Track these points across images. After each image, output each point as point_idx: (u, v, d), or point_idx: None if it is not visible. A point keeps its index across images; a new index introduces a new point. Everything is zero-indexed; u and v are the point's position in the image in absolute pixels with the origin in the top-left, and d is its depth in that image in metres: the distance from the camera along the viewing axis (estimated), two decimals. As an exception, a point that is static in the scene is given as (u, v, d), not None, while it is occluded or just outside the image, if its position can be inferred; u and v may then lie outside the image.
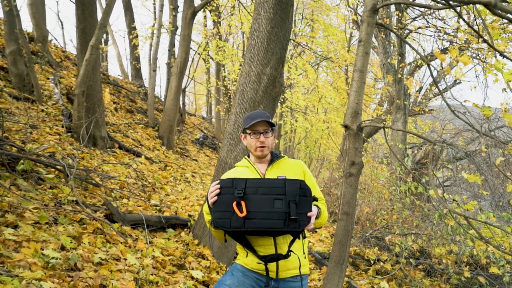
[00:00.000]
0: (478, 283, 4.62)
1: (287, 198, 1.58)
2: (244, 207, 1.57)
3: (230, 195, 1.60)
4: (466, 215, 3.05)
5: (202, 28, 14.75)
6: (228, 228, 1.58)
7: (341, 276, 2.93)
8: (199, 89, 26.73)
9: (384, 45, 9.64)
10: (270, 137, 1.85)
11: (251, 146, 1.85)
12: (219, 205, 1.61)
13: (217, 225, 1.60)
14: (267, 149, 1.84)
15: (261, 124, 1.82)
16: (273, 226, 1.56)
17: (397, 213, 5.83)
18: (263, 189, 1.60)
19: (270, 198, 1.59)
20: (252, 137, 1.83)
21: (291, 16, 3.94)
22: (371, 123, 8.19)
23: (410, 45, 3.26)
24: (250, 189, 1.60)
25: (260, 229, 1.57)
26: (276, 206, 1.57)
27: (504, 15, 2.29)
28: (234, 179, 1.63)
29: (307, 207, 1.60)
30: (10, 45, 6.40)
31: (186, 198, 5.89)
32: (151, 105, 10.31)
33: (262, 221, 1.56)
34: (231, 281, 1.73)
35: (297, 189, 1.60)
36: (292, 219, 1.55)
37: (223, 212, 1.60)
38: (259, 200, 1.59)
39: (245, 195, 1.59)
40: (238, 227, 1.57)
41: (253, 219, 1.57)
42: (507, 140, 8.54)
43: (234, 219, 1.57)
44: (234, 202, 1.58)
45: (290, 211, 1.56)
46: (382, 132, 8.45)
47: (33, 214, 3.01)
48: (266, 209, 1.57)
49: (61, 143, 5.28)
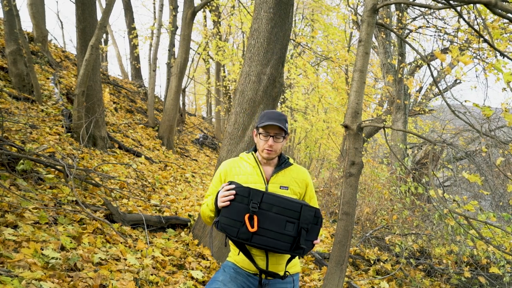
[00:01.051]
0: (478, 283, 4.61)
1: (300, 224, 1.56)
2: (256, 222, 1.54)
3: (244, 206, 1.56)
4: (467, 215, 3.04)
5: (202, 28, 14.75)
6: (233, 237, 1.57)
7: (341, 276, 2.93)
8: (199, 89, 26.73)
9: (384, 45, 9.64)
10: (280, 142, 1.78)
11: (259, 146, 1.81)
12: (230, 212, 1.57)
13: (222, 230, 1.58)
14: (274, 153, 1.78)
15: (274, 127, 1.76)
16: (279, 247, 1.55)
17: (397, 213, 5.82)
18: (278, 209, 1.57)
19: (283, 219, 1.56)
20: (262, 138, 1.78)
21: (291, 16, 3.94)
22: (371, 123, 8.19)
23: (410, 45, 3.25)
24: (266, 204, 1.57)
25: (266, 247, 1.56)
26: (287, 229, 1.55)
27: (505, 14, 2.29)
28: (251, 190, 1.59)
29: (315, 234, 1.60)
30: (10, 45, 6.40)
31: (186, 198, 5.89)
32: (151, 105, 10.31)
33: (269, 240, 1.55)
34: (224, 277, 1.74)
35: (311, 217, 1.58)
36: (299, 247, 1.55)
37: (232, 220, 1.56)
38: (272, 218, 1.56)
39: (259, 209, 1.56)
40: (244, 240, 1.55)
41: (261, 236, 1.55)
42: (507, 140, 8.54)
43: (243, 230, 1.55)
44: (247, 214, 1.55)
45: (300, 238, 1.55)
46: (382, 132, 8.44)
47: (33, 214, 3.00)
48: (277, 230, 1.55)
49: (61, 143, 5.28)
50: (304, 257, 4.85)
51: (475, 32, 3.23)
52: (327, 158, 16.14)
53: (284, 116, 1.82)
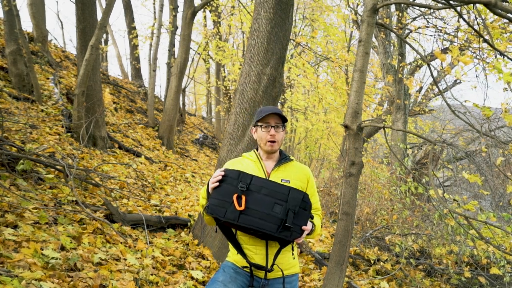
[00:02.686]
0: (478, 283, 4.61)
1: (288, 206, 1.57)
2: (244, 201, 1.57)
3: (233, 187, 1.60)
4: (467, 215, 3.05)
5: (202, 28, 14.75)
6: (221, 217, 1.57)
7: (341, 276, 2.93)
8: (199, 89, 26.72)
9: (384, 45, 9.64)
10: (281, 132, 1.80)
11: (261, 140, 1.81)
12: (219, 192, 1.61)
13: (211, 211, 1.59)
14: (277, 144, 1.80)
15: (274, 117, 1.79)
16: (266, 228, 1.55)
17: (397, 213, 5.82)
18: (267, 190, 1.60)
19: (271, 200, 1.58)
20: (263, 130, 1.79)
21: (291, 16, 3.94)
22: (371, 123, 8.19)
23: (410, 45, 3.25)
24: (254, 186, 1.60)
25: (252, 227, 1.56)
26: (274, 210, 1.57)
27: (505, 14, 2.29)
28: (241, 173, 1.63)
29: (304, 220, 1.60)
30: (10, 45, 6.40)
31: (186, 198, 5.89)
32: (151, 105, 10.31)
33: (256, 220, 1.56)
34: (224, 277, 1.74)
35: (299, 200, 1.59)
36: (286, 226, 1.55)
37: (221, 200, 1.59)
38: (260, 199, 1.58)
39: (247, 191, 1.59)
40: (231, 219, 1.56)
41: (248, 215, 1.56)
42: (507, 140, 8.54)
43: (230, 210, 1.57)
44: (235, 194, 1.58)
45: (287, 218, 1.55)
46: (382, 132, 8.44)
47: (33, 214, 3.00)
48: (264, 210, 1.57)
49: (61, 143, 5.28)
50: (304, 257, 4.85)
51: (475, 32, 3.23)
52: (327, 158, 16.14)
53: (279, 108, 1.85)
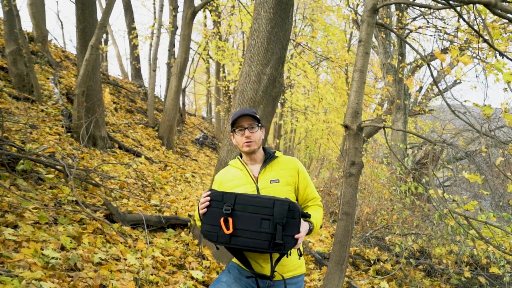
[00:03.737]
0: (478, 283, 4.61)
1: (274, 219, 1.54)
2: (231, 224, 1.56)
3: (219, 210, 1.59)
4: (466, 215, 3.05)
5: (202, 28, 14.75)
6: (214, 242, 1.59)
7: (341, 276, 2.93)
8: (199, 89, 26.72)
9: (384, 45, 9.64)
10: (256, 132, 1.78)
11: (239, 144, 1.80)
12: (208, 217, 1.61)
13: (204, 237, 1.62)
14: (255, 144, 1.77)
15: (245, 119, 1.77)
16: (258, 246, 1.55)
17: (397, 213, 5.83)
18: (252, 208, 1.57)
19: (258, 217, 1.56)
20: (238, 134, 1.79)
21: (291, 16, 3.94)
22: (371, 123, 8.19)
23: (410, 45, 3.25)
24: (239, 205, 1.58)
25: (244, 248, 1.57)
26: (263, 227, 1.55)
27: (504, 14, 2.29)
28: (224, 193, 1.61)
29: (295, 229, 1.56)
30: (10, 45, 6.40)
31: (186, 198, 5.89)
32: (151, 105, 10.31)
33: (247, 240, 1.55)
34: (228, 278, 1.74)
35: (285, 211, 1.55)
36: (277, 243, 1.53)
37: (211, 225, 1.59)
38: (247, 218, 1.56)
39: (233, 211, 1.57)
40: (224, 243, 1.57)
41: (239, 237, 1.56)
42: (507, 140, 8.54)
43: (221, 234, 1.57)
44: (221, 218, 1.57)
45: (276, 233, 1.53)
46: (382, 132, 8.43)
47: (33, 214, 3.00)
48: (253, 229, 1.55)
49: (61, 143, 5.28)
50: (304, 257, 4.86)
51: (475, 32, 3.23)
52: (327, 158, 16.14)
53: (252, 109, 1.83)
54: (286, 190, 1.76)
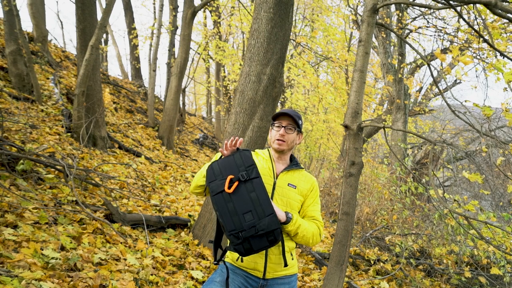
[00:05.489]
0: (478, 283, 4.61)
1: (256, 224, 1.53)
2: (234, 187, 1.55)
3: (237, 166, 1.59)
4: (467, 215, 3.04)
5: (202, 28, 14.74)
6: (207, 181, 1.59)
7: (341, 276, 2.93)
8: (199, 89, 26.72)
9: (384, 45, 9.63)
10: (291, 134, 1.81)
11: (272, 138, 1.84)
12: (224, 162, 1.60)
13: (208, 170, 1.62)
14: (286, 144, 1.81)
15: (286, 118, 1.81)
16: (226, 226, 1.53)
17: (397, 213, 5.82)
18: (255, 198, 1.55)
19: (249, 207, 1.55)
20: (275, 129, 1.83)
21: (291, 16, 3.94)
22: (371, 123, 8.19)
23: (410, 45, 3.25)
24: (251, 184, 1.57)
25: (218, 216, 1.55)
26: (245, 217, 1.53)
27: (505, 14, 2.29)
28: (255, 165, 1.60)
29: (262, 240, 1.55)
30: (10, 45, 6.40)
31: (186, 198, 5.88)
32: (151, 105, 10.31)
33: (226, 213, 1.54)
34: (221, 278, 1.74)
35: (269, 228, 1.53)
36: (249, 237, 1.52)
37: (219, 169, 1.59)
38: (243, 198, 1.55)
39: (243, 182, 1.56)
40: (211, 190, 1.56)
41: (224, 201, 1.54)
42: (508, 140, 8.54)
43: (218, 183, 1.56)
44: (230, 176, 1.56)
45: (244, 231, 1.51)
46: (382, 132, 8.43)
47: (32, 214, 3.00)
48: (237, 210, 1.54)
49: (61, 143, 5.28)
50: (304, 257, 4.85)
51: (475, 32, 3.23)
52: (327, 158, 16.14)
53: (298, 113, 1.86)
54: (297, 198, 1.79)
